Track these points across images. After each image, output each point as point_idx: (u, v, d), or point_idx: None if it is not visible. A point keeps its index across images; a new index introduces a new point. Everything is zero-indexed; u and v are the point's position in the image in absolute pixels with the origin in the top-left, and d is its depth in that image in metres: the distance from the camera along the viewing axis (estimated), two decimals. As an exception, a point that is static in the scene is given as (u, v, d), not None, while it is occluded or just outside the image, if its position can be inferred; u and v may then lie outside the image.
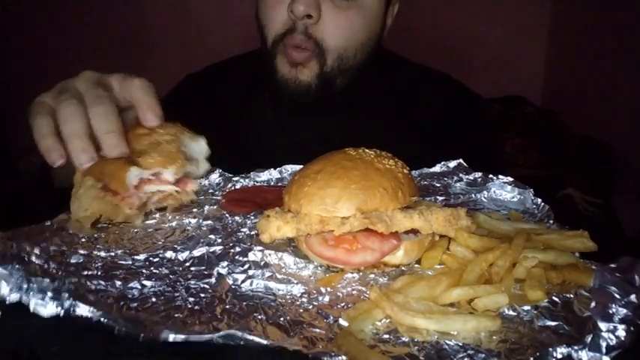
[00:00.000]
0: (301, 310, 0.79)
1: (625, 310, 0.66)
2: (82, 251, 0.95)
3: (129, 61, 3.96)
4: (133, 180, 1.04)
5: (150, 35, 4.05)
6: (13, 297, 0.78)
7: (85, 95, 1.06)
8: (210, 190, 1.30)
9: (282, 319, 0.76)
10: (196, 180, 1.16)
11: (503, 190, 1.25)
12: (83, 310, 0.74)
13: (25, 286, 0.78)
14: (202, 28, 4.09)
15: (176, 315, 0.76)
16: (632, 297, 0.67)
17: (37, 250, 0.92)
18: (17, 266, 0.80)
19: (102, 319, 0.73)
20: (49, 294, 0.76)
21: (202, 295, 0.83)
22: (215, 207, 1.17)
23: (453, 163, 1.39)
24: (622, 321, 0.66)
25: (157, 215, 1.13)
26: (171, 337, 0.70)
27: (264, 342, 0.69)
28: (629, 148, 3.22)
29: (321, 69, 1.51)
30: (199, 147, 1.17)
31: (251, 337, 0.69)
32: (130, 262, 0.92)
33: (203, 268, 0.91)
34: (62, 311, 0.75)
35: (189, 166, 1.13)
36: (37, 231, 1.00)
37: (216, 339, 0.70)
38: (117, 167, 1.03)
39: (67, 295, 0.76)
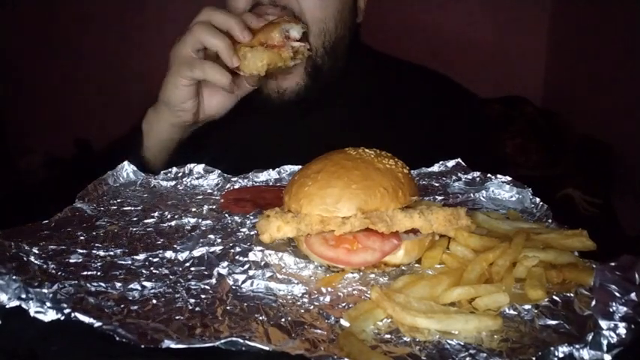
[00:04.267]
0: (302, 311, 0.79)
1: (625, 308, 0.66)
2: (81, 250, 0.95)
3: (129, 59, 3.97)
4: (283, 31, 1.34)
5: (150, 32, 4.05)
6: (13, 304, 0.78)
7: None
8: (209, 191, 1.30)
9: (283, 319, 0.76)
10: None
11: (501, 190, 1.25)
12: (83, 319, 0.74)
13: (23, 296, 0.78)
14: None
15: (177, 317, 0.76)
16: (633, 295, 0.67)
17: (35, 250, 0.92)
18: (14, 277, 0.79)
19: (102, 327, 0.73)
20: (48, 304, 0.76)
21: (203, 296, 0.83)
22: (214, 207, 1.17)
23: (451, 163, 1.39)
24: (623, 319, 0.66)
25: (156, 214, 1.13)
26: (173, 346, 0.69)
27: (267, 348, 0.69)
28: (629, 148, 3.22)
29: (308, 61, 1.49)
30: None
31: (253, 344, 0.69)
32: (130, 262, 0.92)
33: (203, 268, 0.91)
34: (62, 317, 0.75)
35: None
36: (36, 229, 1.00)
37: (218, 345, 0.70)
38: (269, 29, 1.34)
39: (65, 305, 0.76)
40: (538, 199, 1.16)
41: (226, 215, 1.12)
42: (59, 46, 4.07)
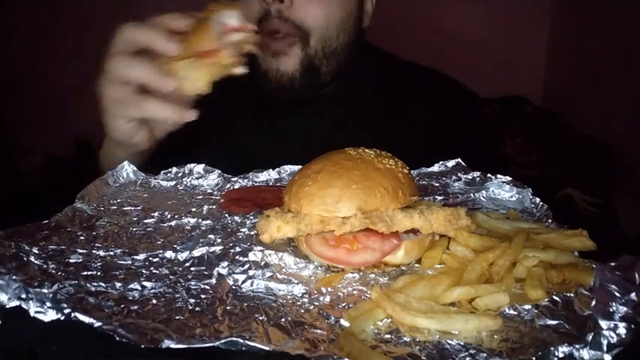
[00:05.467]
0: (302, 311, 0.79)
1: (625, 308, 0.66)
2: (81, 250, 0.95)
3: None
4: (215, 26, 1.11)
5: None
6: (13, 304, 0.78)
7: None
8: (209, 191, 1.30)
9: (283, 320, 0.76)
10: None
11: (501, 190, 1.25)
12: (83, 318, 0.74)
13: (23, 296, 0.78)
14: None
15: (177, 317, 0.76)
16: (633, 295, 0.67)
17: (35, 250, 0.92)
18: (14, 277, 0.80)
19: (102, 327, 0.73)
20: (48, 304, 0.76)
21: (203, 296, 0.83)
22: (214, 207, 1.17)
23: (451, 163, 1.39)
24: (623, 319, 0.66)
25: (156, 214, 1.13)
26: (173, 346, 0.70)
27: (266, 348, 0.69)
28: (629, 148, 3.22)
29: (304, 54, 1.50)
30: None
31: (253, 344, 0.69)
32: (130, 262, 0.92)
33: (203, 268, 0.91)
34: (62, 317, 0.75)
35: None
36: (36, 229, 1.00)
37: (218, 345, 0.70)
38: (198, 29, 1.13)
39: (65, 305, 0.76)
40: (538, 199, 1.16)
41: (226, 215, 1.12)
42: (59, 46, 4.07)
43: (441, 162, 1.39)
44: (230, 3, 1.15)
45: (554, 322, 0.74)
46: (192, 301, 0.81)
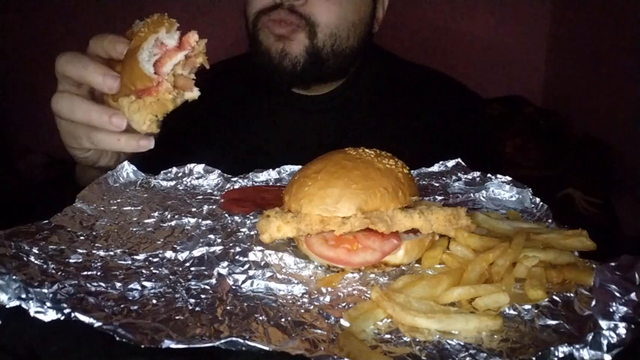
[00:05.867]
0: (302, 311, 0.79)
1: (625, 308, 0.66)
2: (81, 250, 0.95)
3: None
4: (145, 59, 1.01)
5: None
6: (13, 304, 0.78)
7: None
8: (209, 191, 1.30)
9: (283, 319, 0.76)
10: (193, 31, 1.07)
11: (501, 190, 1.25)
12: (83, 318, 0.74)
13: (23, 296, 0.78)
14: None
15: (177, 317, 0.76)
16: (633, 295, 0.67)
17: (35, 250, 0.92)
18: (14, 277, 0.80)
19: (102, 327, 0.73)
20: (48, 304, 0.77)
21: (203, 296, 0.83)
22: (214, 207, 1.17)
23: (451, 163, 1.39)
24: (623, 319, 0.66)
25: (156, 214, 1.13)
26: (173, 346, 0.70)
27: (266, 348, 0.69)
28: (629, 148, 3.22)
29: (311, 42, 1.49)
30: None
31: (253, 344, 0.69)
32: (130, 262, 0.92)
33: (203, 268, 0.91)
34: (62, 317, 0.75)
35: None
36: (36, 229, 1.00)
37: (218, 345, 0.70)
38: (129, 67, 1.03)
39: (65, 305, 0.76)
40: (538, 199, 1.16)
41: (226, 215, 1.12)
42: (60, 46, 4.07)
43: (441, 162, 1.39)
44: (161, 19, 1.04)
45: (554, 322, 0.75)
46: (192, 301, 0.81)
